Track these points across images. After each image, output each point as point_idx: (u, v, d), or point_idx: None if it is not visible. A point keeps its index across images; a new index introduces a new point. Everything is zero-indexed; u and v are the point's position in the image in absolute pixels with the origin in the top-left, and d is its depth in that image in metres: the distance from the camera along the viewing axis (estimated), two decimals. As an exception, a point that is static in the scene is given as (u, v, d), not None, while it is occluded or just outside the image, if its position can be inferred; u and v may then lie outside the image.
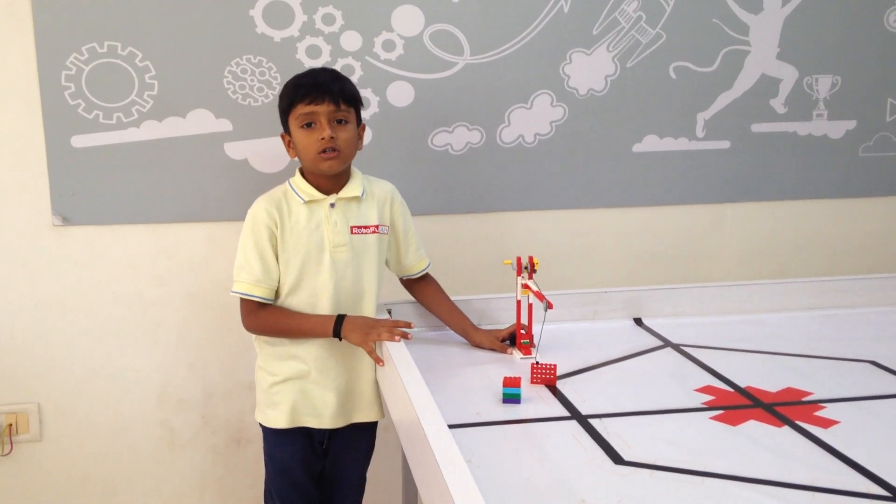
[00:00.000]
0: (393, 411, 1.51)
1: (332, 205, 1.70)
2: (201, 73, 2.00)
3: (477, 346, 1.78)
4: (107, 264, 2.06)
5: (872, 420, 1.38)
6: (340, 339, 1.67)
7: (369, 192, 1.76)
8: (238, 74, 2.02)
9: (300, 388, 1.74)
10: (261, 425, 1.81)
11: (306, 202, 1.70)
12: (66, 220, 2.02)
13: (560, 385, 1.55)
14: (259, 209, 1.70)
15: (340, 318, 1.67)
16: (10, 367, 2.07)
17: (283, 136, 1.75)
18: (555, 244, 2.26)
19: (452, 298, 1.86)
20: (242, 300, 1.72)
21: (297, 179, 1.73)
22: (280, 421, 1.75)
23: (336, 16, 2.03)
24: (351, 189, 1.72)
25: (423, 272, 1.85)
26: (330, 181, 1.71)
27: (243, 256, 1.71)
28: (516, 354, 1.71)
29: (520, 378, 1.49)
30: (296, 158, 1.74)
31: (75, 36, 1.94)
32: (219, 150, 2.05)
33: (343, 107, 1.67)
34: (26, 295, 2.04)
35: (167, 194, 2.05)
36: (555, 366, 1.56)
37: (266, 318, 1.71)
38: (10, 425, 2.08)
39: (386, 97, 2.09)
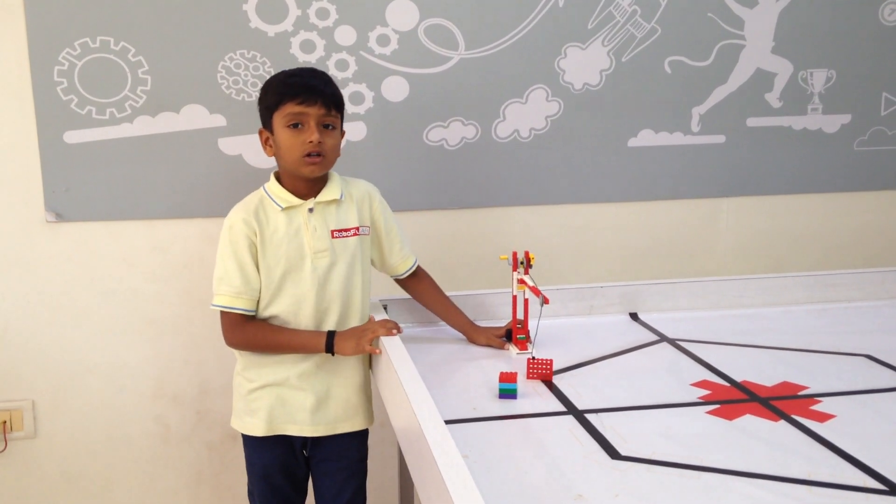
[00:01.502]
0: (389, 407, 1.51)
1: (311, 209, 1.66)
2: (195, 68, 1.99)
3: (473, 342, 1.77)
4: (100, 260, 2.06)
5: (868, 414, 1.39)
6: (333, 355, 1.65)
7: (347, 194, 1.71)
8: (232, 69, 2.01)
9: (278, 395, 1.69)
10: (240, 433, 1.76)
11: (284, 209, 1.65)
12: (60, 217, 2.01)
13: (556, 380, 1.55)
14: (236, 219, 1.65)
15: (331, 335, 1.64)
16: (3, 363, 2.06)
17: (261, 132, 1.69)
18: (550, 239, 2.25)
19: (449, 294, 1.85)
20: (223, 313, 1.66)
21: (273, 185, 1.68)
22: (258, 428, 1.70)
23: (330, 10, 2.03)
24: (329, 192, 1.67)
25: (410, 271, 1.81)
26: (307, 185, 1.66)
27: (222, 268, 1.65)
28: (512, 350, 1.71)
29: (516, 373, 1.48)
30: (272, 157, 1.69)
31: (68, 31, 1.93)
32: (213, 145, 2.04)
33: (332, 112, 1.63)
34: (20, 291, 2.04)
35: (161, 190, 2.04)
36: (551, 361, 1.56)
37: (252, 332, 1.66)
38: (5, 422, 2.07)
39: (380, 92, 2.08)
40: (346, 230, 1.69)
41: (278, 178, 1.70)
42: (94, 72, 1.96)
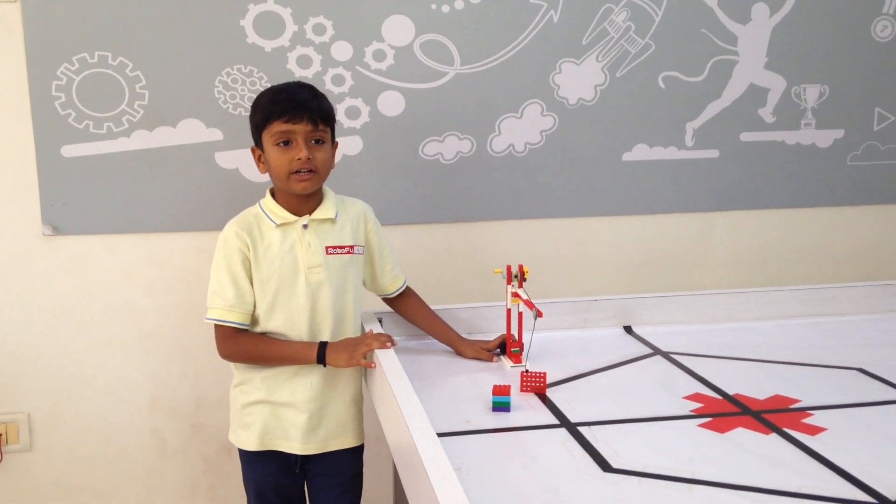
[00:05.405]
0: (383, 420, 1.51)
1: (305, 226, 1.67)
2: (192, 83, 2.01)
3: (461, 355, 1.78)
4: (97, 274, 2.06)
5: (860, 427, 1.39)
6: (325, 366, 1.65)
7: (342, 213, 1.72)
8: (229, 84, 2.02)
9: (271, 410, 1.70)
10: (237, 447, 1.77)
11: (279, 225, 1.66)
12: (57, 230, 2.02)
13: (550, 393, 1.55)
14: (230, 233, 1.66)
15: (323, 345, 1.64)
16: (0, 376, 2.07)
17: (253, 150, 1.70)
18: (545, 253, 2.26)
19: (443, 307, 1.86)
20: (217, 326, 1.67)
21: (268, 201, 1.69)
22: (251, 443, 1.71)
23: (327, 26, 2.04)
24: (324, 211, 1.68)
25: (400, 290, 1.83)
26: (301, 201, 1.67)
27: (216, 281, 1.66)
28: (506, 363, 1.71)
29: (509, 386, 1.49)
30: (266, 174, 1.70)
31: (66, 46, 1.94)
32: (209, 159, 2.05)
33: (321, 126, 1.63)
34: (16, 304, 2.04)
35: (158, 204, 2.05)
36: (544, 374, 1.56)
37: (244, 344, 1.67)
38: (0, 435, 2.07)
39: (377, 107, 2.10)
40: (340, 247, 1.70)
41: (273, 194, 1.71)
42: (92, 86, 1.97)
